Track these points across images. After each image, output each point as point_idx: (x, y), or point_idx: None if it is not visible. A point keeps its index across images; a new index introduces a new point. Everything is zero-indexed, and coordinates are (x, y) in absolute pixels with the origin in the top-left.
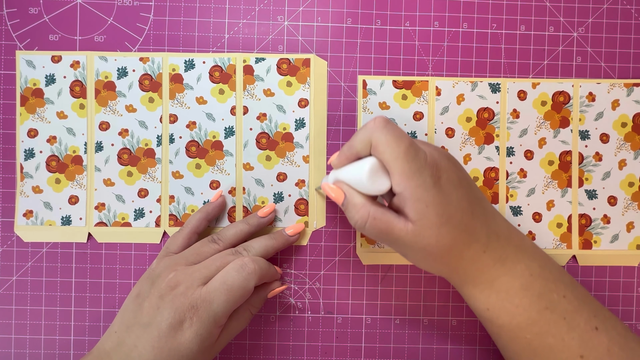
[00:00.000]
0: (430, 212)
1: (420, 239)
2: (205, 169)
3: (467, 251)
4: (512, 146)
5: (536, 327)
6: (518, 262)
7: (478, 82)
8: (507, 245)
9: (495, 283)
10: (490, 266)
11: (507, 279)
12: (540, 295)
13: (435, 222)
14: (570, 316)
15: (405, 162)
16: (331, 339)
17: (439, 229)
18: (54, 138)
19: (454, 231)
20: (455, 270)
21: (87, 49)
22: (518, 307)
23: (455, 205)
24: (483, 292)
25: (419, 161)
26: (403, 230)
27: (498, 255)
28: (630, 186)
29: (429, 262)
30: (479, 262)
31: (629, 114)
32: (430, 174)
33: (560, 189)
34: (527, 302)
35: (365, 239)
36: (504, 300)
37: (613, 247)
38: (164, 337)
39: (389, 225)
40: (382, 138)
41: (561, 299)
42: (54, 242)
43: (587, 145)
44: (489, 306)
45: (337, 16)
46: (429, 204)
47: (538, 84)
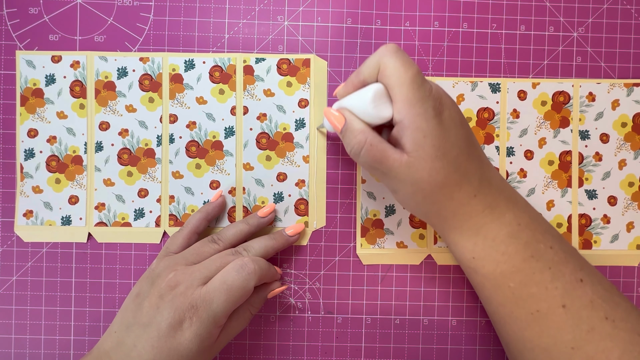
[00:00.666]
0: (427, 143)
1: (414, 171)
2: (205, 169)
3: (457, 192)
4: (512, 146)
5: (520, 275)
6: (507, 211)
7: (478, 82)
8: (499, 194)
9: (482, 229)
10: (479, 212)
11: (495, 226)
12: (527, 244)
13: (430, 154)
14: (555, 267)
15: (410, 89)
16: (331, 339)
17: (433, 162)
18: (54, 138)
19: (447, 167)
20: (443, 212)
21: (87, 49)
22: (504, 254)
23: (452, 142)
24: (470, 239)
25: (424, 91)
26: (397, 160)
27: (488, 201)
28: (630, 186)
29: (417, 200)
30: (468, 206)
31: (629, 113)
32: (433, 105)
33: (560, 189)
34: (513, 250)
35: (366, 239)
36: (490, 247)
37: (613, 247)
38: (164, 337)
39: (384, 154)
40: (391, 62)
41: (548, 249)
42: (54, 242)
43: (587, 145)
44: (474, 254)
45: (337, 16)
46: (427, 134)
47: (538, 84)
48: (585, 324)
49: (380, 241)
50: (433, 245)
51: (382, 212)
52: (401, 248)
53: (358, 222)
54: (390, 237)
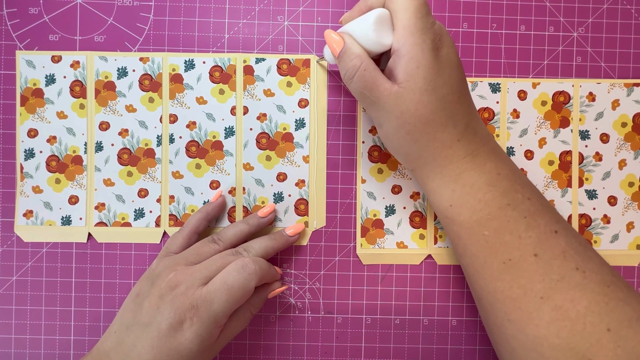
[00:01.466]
0: (418, 75)
1: (401, 102)
2: (205, 169)
3: (441, 133)
4: (512, 146)
5: (495, 223)
6: (489, 161)
7: (478, 82)
8: (483, 144)
9: (461, 176)
10: (460, 157)
11: (474, 174)
12: (504, 192)
13: (420, 86)
14: (531, 216)
15: (413, 17)
16: (331, 339)
17: (422, 94)
18: (54, 138)
19: (435, 103)
20: (424, 153)
21: (87, 49)
22: (480, 201)
23: (445, 80)
24: (448, 185)
25: (426, 22)
26: (387, 89)
27: (471, 149)
28: (630, 186)
29: (401, 135)
30: (450, 150)
31: (629, 113)
32: (432, 38)
33: (561, 189)
34: (490, 197)
35: (366, 239)
36: (467, 194)
37: (613, 247)
38: (164, 337)
39: (376, 82)
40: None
41: (525, 200)
42: (54, 242)
43: (587, 145)
44: (452, 202)
45: (337, 16)
46: (421, 65)
47: (538, 84)
48: (556, 273)
49: (380, 241)
50: (433, 245)
51: (382, 212)
52: (401, 248)
53: (358, 222)
54: (391, 237)
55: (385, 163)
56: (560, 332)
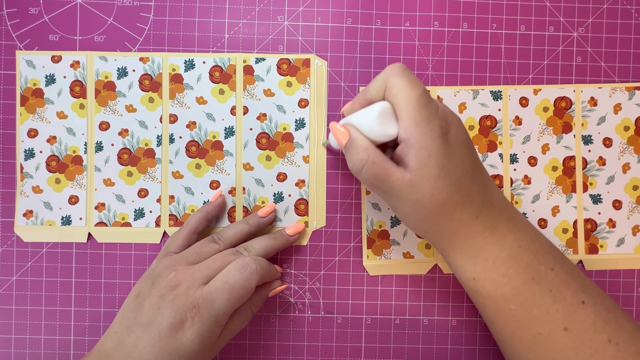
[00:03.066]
0: (431, 163)
1: (416, 189)
2: (205, 169)
3: (459, 213)
4: (515, 153)
5: (521, 298)
6: (508, 233)
7: (479, 90)
8: (500, 215)
9: (482, 251)
10: (479, 233)
11: (495, 248)
12: (528, 266)
13: (434, 173)
14: (556, 289)
15: (417, 108)
16: (331, 339)
17: (437, 181)
18: (54, 138)
19: (450, 188)
20: (443, 231)
21: (87, 49)
22: (504, 276)
23: (457, 163)
24: (470, 259)
25: (430, 110)
26: (400, 179)
27: (489, 223)
28: (635, 189)
29: (418, 218)
30: (469, 227)
31: (631, 117)
32: (439, 124)
33: (565, 195)
34: (514, 272)
35: (372, 251)
36: (490, 269)
37: (619, 251)
38: (165, 337)
39: (387, 172)
40: (397, 81)
41: (549, 271)
42: (54, 242)
43: (590, 150)
44: (475, 275)
45: (337, 16)
46: (432, 154)
47: (539, 90)
48: (588, 347)
49: (386, 252)
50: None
51: (387, 223)
52: (408, 258)
53: (364, 233)
54: (397, 247)
55: None
56: None
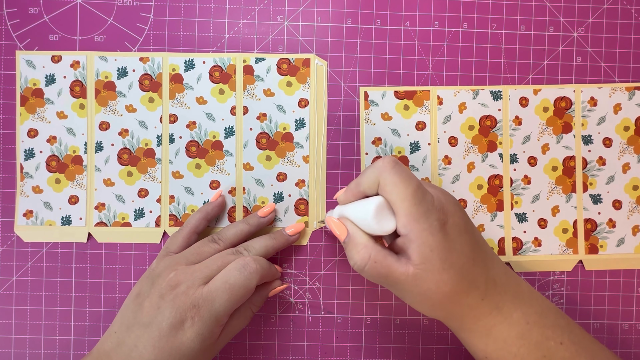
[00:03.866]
0: (434, 257)
1: (421, 282)
2: (205, 169)
3: (465, 298)
4: (515, 153)
5: None
6: (515, 310)
7: (479, 90)
8: (504, 292)
9: (492, 331)
10: (487, 314)
11: (504, 328)
12: (538, 343)
13: (437, 267)
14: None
15: (413, 205)
16: (331, 339)
17: (441, 274)
18: (54, 138)
19: (455, 277)
20: (452, 315)
21: (87, 49)
22: (516, 356)
23: (458, 251)
24: (481, 339)
25: (427, 204)
26: (404, 274)
27: (495, 303)
28: (635, 189)
29: (426, 306)
30: (477, 310)
31: (631, 117)
32: (437, 217)
33: (565, 195)
34: (525, 352)
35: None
36: (501, 349)
37: (619, 251)
38: (165, 337)
39: (390, 270)
40: (390, 178)
41: (558, 345)
42: (54, 242)
43: (590, 150)
44: (487, 354)
45: (337, 16)
46: (434, 248)
47: (539, 90)
48: None
49: None
50: None
51: None
52: None
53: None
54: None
55: None
56: None
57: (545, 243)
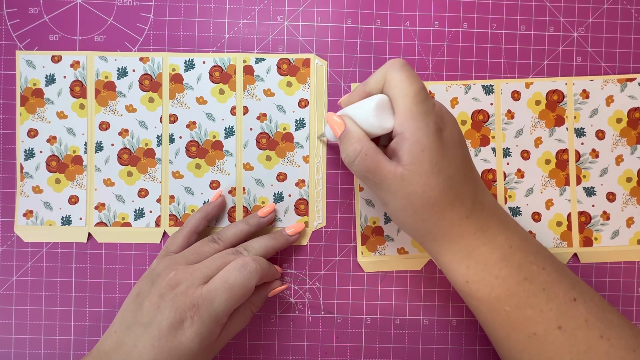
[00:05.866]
0: (424, 158)
1: (407, 184)
2: (205, 169)
3: (450, 212)
4: (508, 147)
5: (515, 299)
6: (499, 234)
7: (471, 85)
8: (491, 217)
9: (474, 253)
10: (470, 234)
11: (487, 250)
12: (520, 266)
13: (426, 169)
14: (549, 287)
15: (414, 102)
16: (331, 339)
17: (429, 177)
18: (54, 138)
19: (442, 184)
20: (433, 230)
21: (87, 49)
22: (497, 278)
23: (450, 160)
24: (462, 262)
25: (427, 105)
26: (391, 172)
27: (480, 224)
28: (628, 181)
29: (408, 215)
30: (460, 227)
31: (624, 109)
32: (435, 120)
33: (559, 188)
34: (506, 273)
35: (366, 247)
36: (482, 271)
37: (614, 243)
38: (165, 337)
39: (379, 165)
40: (397, 75)
41: (540, 270)
42: (54, 242)
43: (583, 142)
44: (467, 278)
45: (337, 16)
46: (426, 148)
47: (531, 84)
48: (582, 344)
49: (380, 248)
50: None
51: (381, 219)
52: (402, 254)
53: (358, 230)
54: (391, 243)
55: None
56: None
57: (540, 236)
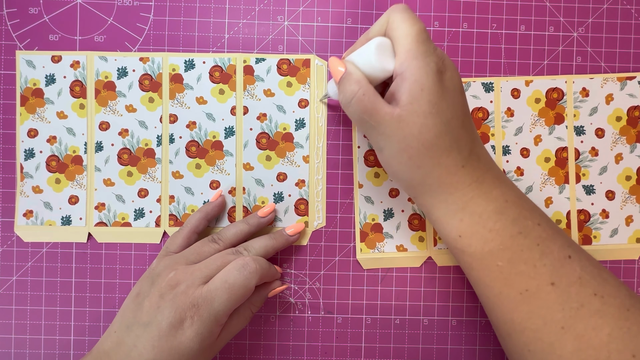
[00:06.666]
0: (423, 97)
1: (404, 125)
2: (205, 169)
3: (446, 158)
4: (507, 145)
5: (508, 253)
6: (495, 187)
7: (471, 82)
8: (487, 170)
9: (469, 204)
10: (466, 184)
11: (482, 202)
12: (515, 220)
13: (424, 110)
14: (544, 243)
15: (415, 42)
16: (331, 339)
17: (426, 118)
18: (54, 138)
19: (439, 127)
20: (428, 179)
21: (87, 49)
22: (491, 231)
23: (449, 104)
24: (456, 214)
25: (428, 46)
26: (388, 114)
27: (476, 175)
28: (628, 180)
29: (403, 160)
30: (455, 176)
31: (623, 107)
32: (436, 61)
33: (558, 186)
34: (501, 226)
35: (365, 244)
36: (476, 224)
37: (613, 241)
38: (164, 337)
39: (375, 106)
40: (399, 16)
41: (535, 226)
42: (54, 242)
43: (582, 140)
44: (461, 232)
45: (337, 16)
46: (425, 88)
47: (531, 82)
48: (575, 301)
49: (379, 245)
50: (433, 247)
51: (380, 216)
52: (401, 251)
53: (357, 227)
54: (390, 240)
55: (381, 167)
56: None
57: None
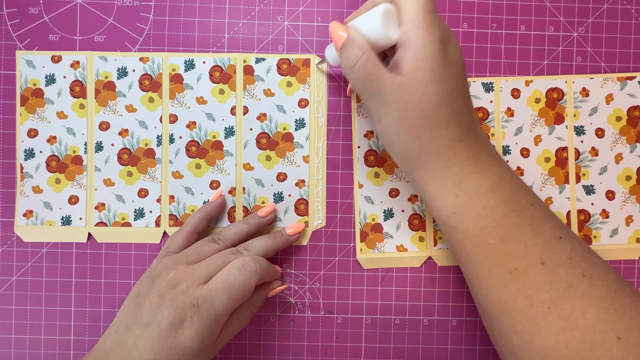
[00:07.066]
0: (425, 66)
1: (405, 92)
2: (205, 169)
3: (444, 130)
4: (507, 145)
5: (500, 231)
6: (491, 165)
7: (471, 82)
8: (483, 148)
9: (464, 180)
10: (462, 159)
11: (477, 178)
12: (509, 198)
13: (426, 77)
14: (536, 223)
15: (421, 11)
16: (331, 339)
17: (427, 86)
18: (54, 138)
19: (440, 96)
20: (425, 150)
21: (87, 49)
22: (485, 208)
23: (451, 75)
24: (451, 190)
25: (434, 16)
26: (390, 80)
27: (473, 151)
28: (628, 180)
29: (402, 129)
30: (453, 150)
31: (623, 107)
32: (440, 32)
33: (558, 186)
34: (495, 204)
35: (365, 244)
36: (471, 200)
37: (613, 241)
38: (164, 336)
39: (378, 72)
40: None
41: (529, 205)
42: (54, 242)
43: (582, 140)
44: (455, 209)
45: (337, 16)
46: (428, 57)
47: (531, 82)
48: (563, 281)
49: (379, 245)
50: (433, 247)
51: (380, 216)
52: (401, 251)
53: (357, 227)
54: (390, 240)
55: (381, 167)
56: (570, 343)
57: None
